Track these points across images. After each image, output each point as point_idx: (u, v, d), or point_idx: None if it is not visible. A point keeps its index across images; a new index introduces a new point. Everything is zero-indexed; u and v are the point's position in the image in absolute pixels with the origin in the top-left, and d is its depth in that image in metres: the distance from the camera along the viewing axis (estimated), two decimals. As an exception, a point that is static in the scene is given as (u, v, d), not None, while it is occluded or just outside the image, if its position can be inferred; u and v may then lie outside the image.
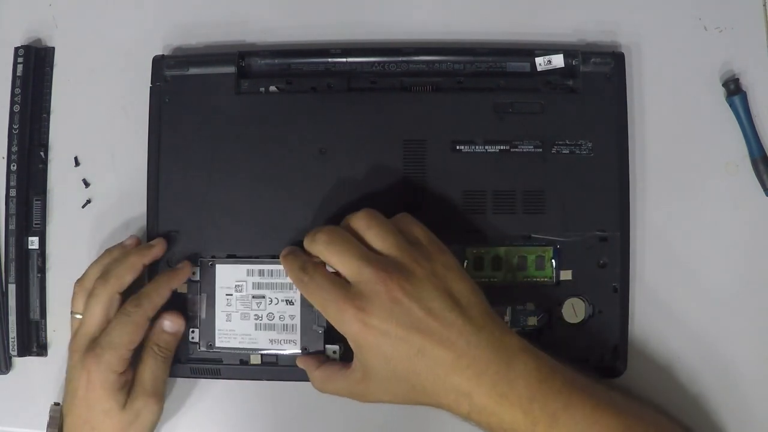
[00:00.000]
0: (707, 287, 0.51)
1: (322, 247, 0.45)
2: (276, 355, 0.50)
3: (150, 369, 0.48)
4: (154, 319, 0.49)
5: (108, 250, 0.51)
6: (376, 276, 0.43)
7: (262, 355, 0.50)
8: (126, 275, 0.49)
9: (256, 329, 0.50)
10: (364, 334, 0.43)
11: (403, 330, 0.42)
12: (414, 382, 0.43)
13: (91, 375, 0.47)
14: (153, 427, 0.49)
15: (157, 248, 0.50)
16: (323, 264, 0.45)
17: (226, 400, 0.52)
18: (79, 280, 0.50)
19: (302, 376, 0.48)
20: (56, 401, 0.51)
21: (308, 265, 0.46)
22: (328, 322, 0.48)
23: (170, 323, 0.49)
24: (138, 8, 0.55)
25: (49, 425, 0.49)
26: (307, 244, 0.46)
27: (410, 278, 0.43)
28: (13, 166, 0.52)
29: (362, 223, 0.45)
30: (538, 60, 0.51)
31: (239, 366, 0.50)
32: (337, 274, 0.45)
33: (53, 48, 0.55)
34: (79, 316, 0.49)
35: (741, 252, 0.51)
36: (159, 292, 0.49)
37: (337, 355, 0.48)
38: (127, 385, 0.48)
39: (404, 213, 0.47)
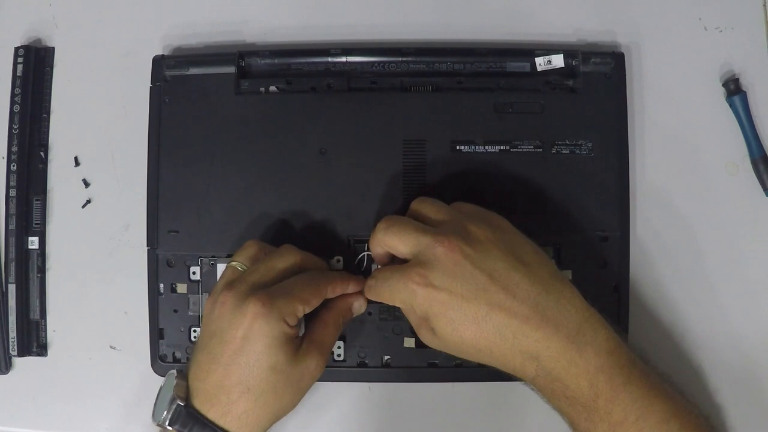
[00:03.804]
0: (707, 287, 0.51)
1: (381, 234, 0.44)
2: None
3: (332, 333, 0.46)
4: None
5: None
6: (434, 240, 0.42)
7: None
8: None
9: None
10: (430, 301, 0.42)
11: (467, 293, 0.41)
12: (481, 345, 0.42)
13: (255, 322, 0.42)
14: (305, 393, 0.45)
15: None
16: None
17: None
18: (258, 240, 0.47)
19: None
20: (173, 369, 0.44)
21: (369, 278, 0.46)
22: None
23: (361, 306, 0.47)
24: (138, 8, 0.55)
25: (165, 393, 0.42)
26: (371, 240, 0.46)
27: (470, 241, 0.42)
28: (13, 166, 0.52)
29: (417, 203, 0.46)
30: (538, 60, 0.51)
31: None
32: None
33: (53, 48, 0.55)
34: (241, 268, 0.45)
35: (741, 252, 0.51)
36: (343, 284, 0.46)
37: None
38: (296, 343, 0.44)
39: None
